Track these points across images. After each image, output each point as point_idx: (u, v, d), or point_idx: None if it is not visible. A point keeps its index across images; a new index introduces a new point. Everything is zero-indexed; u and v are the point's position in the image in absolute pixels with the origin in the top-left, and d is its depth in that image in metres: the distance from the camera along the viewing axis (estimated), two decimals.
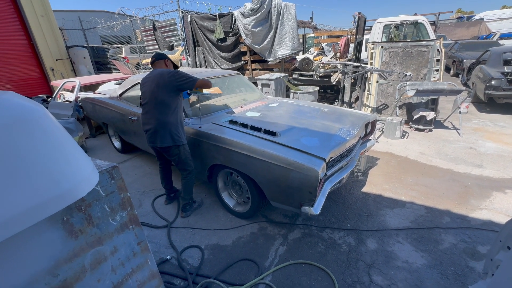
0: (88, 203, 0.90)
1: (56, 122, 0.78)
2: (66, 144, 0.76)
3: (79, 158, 0.80)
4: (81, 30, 10.01)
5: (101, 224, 0.95)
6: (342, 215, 2.39)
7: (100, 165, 0.98)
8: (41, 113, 0.72)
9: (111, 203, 0.97)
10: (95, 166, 0.98)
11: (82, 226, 0.89)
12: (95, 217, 0.93)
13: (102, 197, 0.94)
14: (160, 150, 2.31)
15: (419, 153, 3.57)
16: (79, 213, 0.88)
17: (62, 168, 0.71)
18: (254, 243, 2.10)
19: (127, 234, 1.04)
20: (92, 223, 0.92)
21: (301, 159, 1.79)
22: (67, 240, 0.85)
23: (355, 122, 2.58)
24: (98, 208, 0.93)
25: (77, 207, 0.87)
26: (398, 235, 2.11)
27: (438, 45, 4.49)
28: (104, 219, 0.96)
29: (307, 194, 1.78)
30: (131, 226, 1.05)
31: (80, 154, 0.83)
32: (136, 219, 1.07)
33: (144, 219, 2.50)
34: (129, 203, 1.03)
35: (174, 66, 2.43)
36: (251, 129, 2.30)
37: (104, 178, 0.94)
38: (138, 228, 1.08)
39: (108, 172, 0.95)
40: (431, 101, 4.64)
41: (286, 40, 5.57)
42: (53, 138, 0.71)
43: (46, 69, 8.78)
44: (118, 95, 3.63)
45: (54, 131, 0.73)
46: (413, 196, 2.62)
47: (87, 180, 0.78)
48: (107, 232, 0.97)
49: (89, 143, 4.81)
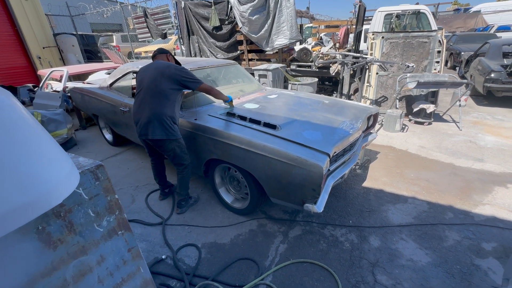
0: (69, 209, 0.78)
1: (24, 112, 0.65)
2: (36, 140, 0.63)
3: (55, 156, 0.68)
4: (69, 17, 9.53)
5: (84, 232, 0.83)
6: (344, 211, 2.32)
7: (83, 164, 0.85)
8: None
9: (96, 207, 0.85)
10: (77, 165, 0.85)
11: (62, 235, 0.77)
12: (77, 223, 0.81)
13: (85, 201, 0.82)
14: (152, 144, 2.15)
15: (419, 146, 3.51)
16: (57, 220, 0.76)
17: (31, 170, 0.58)
18: (253, 241, 2.02)
19: (115, 241, 0.93)
20: (74, 230, 0.80)
21: (304, 154, 1.69)
22: (43, 252, 0.73)
23: (358, 115, 2.48)
24: (80, 214, 0.81)
25: (55, 213, 0.75)
26: (402, 232, 2.05)
27: (439, 36, 4.38)
28: (88, 226, 0.84)
29: (310, 191, 1.68)
30: (120, 231, 0.94)
31: (56, 151, 0.70)
32: (126, 223, 0.96)
33: (137, 216, 2.39)
34: (117, 206, 0.92)
35: (176, 62, 2.33)
36: (250, 121, 2.18)
37: (87, 179, 0.82)
38: (128, 233, 0.97)
39: (92, 172, 0.83)
40: (431, 94, 4.56)
41: (284, 29, 5.38)
42: (18, 133, 0.58)
43: (32, 57, 8.39)
44: (108, 85, 3.44)
45: (18, 124, 0.60)
46: (415, 191, 2.57)
47: (64, 183, 0.66)
48: (92, 240, 0.85)
49: (79, 135, 4.61)
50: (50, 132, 3.72)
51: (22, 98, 5.60)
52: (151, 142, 2.13)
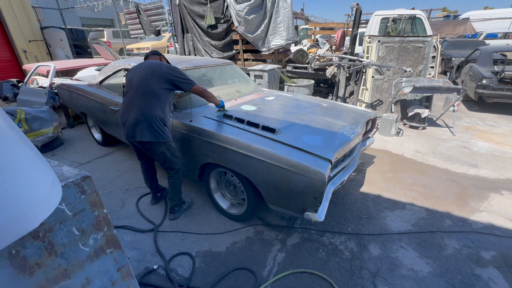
0: (49, 227, 0.68)
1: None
2: (6, 148, 0.53)
3: (32, 167, 0.58)
4: (57, 10, 9.18)
5: (67, 253, 0.73)
6: (342, 217, 2.27)
7: (67, 175, 0.75)
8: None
9: (81, 224, 0.75)
10: (60, 176, 0.75)
11: (40, 258, 0.67)
12: (59, 244, 0.71)
13: (68, 217, 0.72)
14: (140, 147, 2.01)
15: (415, 151, 3.52)
16: (35, 242, 0.66)
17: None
18: (250, 250, 1.94)
19: (103, 260, 0.83)
20: (55, 252, 0.70)
21: (305, 161, 1.62)
22: (17, 279, 0.63)
23: (357, 119, 2.44)
24: (62, 233, 0.71)
25: (32, 234, 0.65)
26: (401, 240, 2.01)
27: (434, 42, 4.42)
28: (72, 246, 0.74)
29: (311, 199, 1.62)
30: (109, 249, 0.84)
31: (34, 161, 0.60)
32: (115, 240, 0.86)
33: (127, 222, 2.27)
34: (105, 222, 0.82)
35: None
36: (247, 124, 2.10)
37: (71, 193, 0.72)
38: (117, 251, 0.87)
39: (77, 184, 0.73)
40: (425, 98, 4.60)
41: (280, 29, 5.32)
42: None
43: (17, 50, 8.02)
44: (98, 83, 3.29)
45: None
46: (413, 197, 2.55)
47: (43, 201, 0.56)
48: (76, 262, 0.75)
49: (66, 134, 4.41)
50: (35, 130, 3.53)
51: (5, 94, 5.32)
52: (139, 145, 2.00)
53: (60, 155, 3.65)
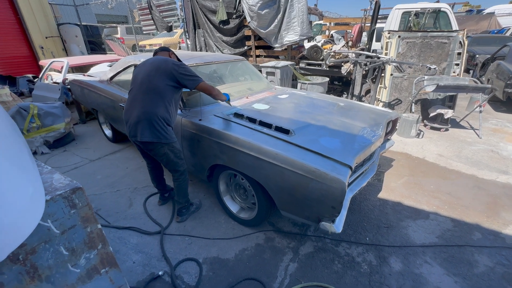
0: (31, 249, 0.58)
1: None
2: None
3: (8, 175, 0.48)
4: (73, 6, 9.32)
5: (54, 276, 0.63)
6: (359, 225, 2.12)
7: (56, 185, 0.65)
8: None
9: (70, 243, 0.66)
10: (48, 186, 0.65)
11: (21, 284, 0.58)
12: (44, 267, 0.61)
13: (55, 236, 0.62)
14: (142, 147, 1.91)
15: (437, 154, 3.28)
16: (14, 267, 0.56)
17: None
18: (260, 258, 1.83)
19: (97, 282, 0.73)
20: (39, 276, 0.60)
21: (323, 166, 1.48)
22: None
23: (378, 120, 2.26)
24: (48, 254, 0.62)
25: (11, 258, 0.55)
26: (425, 254, 1.84)
27: (461, 37, 4.11)
28: (60, 268, 0.64)
29: (328, 208, 1.48)
30: (104, 269, 0.74)
31: (12, 167, 0.50)
32: (111, 258, 0.76)
33: (134, 222, 2.20)
34: (100, 238, 0.72)
35: (178, 60, 2.11)
36: (259, 124, 1.97)
37: (59, 208, 0.62)
38: (114, 269, 0.77)
39: (66, 198, 0.63)
40: (449, 98, 4.31)
41: (294, 24, 5.13)
42: None
43: (35, 47, 8.21)
44: (108, 79, 3.25)
45: None
46: (436, 205, 2.35)
47: (15, 223, 0.46)
48: (65, 285, 0.66)
49: (78, 130, 4.44)
50: (47, 126, 3.55)
51: (21, 89, 5.42)
52: (141, 145, 1.90)
53: (71, 151, 3.66)
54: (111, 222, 2.21)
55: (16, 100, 3.91)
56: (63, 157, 3.48)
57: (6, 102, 3.76)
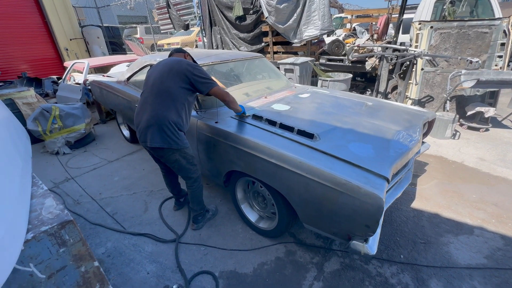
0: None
1: None
2: None
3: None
4: (95, 8, 9.60)
5: None
6: (391, 240, 1.90)
7: (43, 217, 0.54)
8: None
9: (60, 287, 0.53)
10: (34, 219, 0.53)
11: None
12: None
13: (39, 282, 0.50)
14: (153, 152, 1.81)
15: (478, 158, 2.94)
16: None
17: None
18: (281, 274, 1.67)
19: None
20: None
21: (354, 178, 1.29)
22: None
23: (414, 121, 2.01)
24: None
25: None
26: (472, 277, 1.60)
27: (505, 26, 3.66)
28: None
29: (361, 227, 1.29)
30: None
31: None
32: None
33: (149, 229, 2.13)
34: (97, 278, 0.60)
35: (194, 62, 1.99)
36: (280, 127, 1.81)
37: (43, 248, 0.50)
38: None
39: (52, 235, 0.51)
40: (489, 94, 3.88)
41: (315, 18, 4.86)
42: None
43: (60, 49, 8.55)
44: (125, 79, 3.22)
45: None
46: (481, 218, 2.07)
47: None
48: None
49: (99, 130, 4.51)
50: (68, 127, 3.61)
51: (46, 90, 5.63)
52: (151, 150, 1.81)
53: (91, 151, 3.70)
54: (126, 228, 2.15)
55: (40, 101, 4.03)
56: (83, 157, 3.53)
57: (31, 104, 3.87)
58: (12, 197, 0.52)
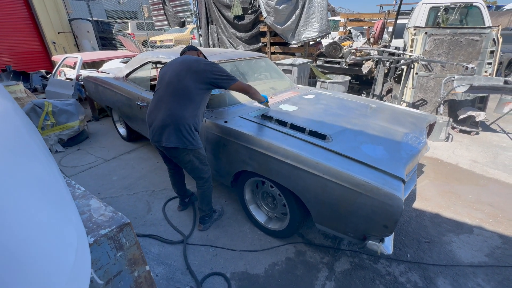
0: None
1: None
2: None
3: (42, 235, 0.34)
4: (85, 1, 9.26)
5: None
6: (397, 240, 1.95)
7: (97, 220, 0.51)
8: None
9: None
10: (87, 221, 0.51)
11: None
12: None
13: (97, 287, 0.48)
14: (166, 153, 1.77)
15: (471, 160, 3.06)
16: None
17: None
18: (293, 275, 1.68)
19: None
20: None
21: (373, 179, 1.31)
22: None
23: (418, 124, 2.07)
24: None
25: None
26: (476, 275, 1.66)
27: (494, 34, 3.84)
28: None
29: (379, 227, 1.31)
30: None
31: (52, 210, 0.36)
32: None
33: (154, 229, 2.08)
34: (148, 283, 0.57)
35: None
36: (291, 128, 1.81)
37: (103, 252, 0.48)
38: None
39: (112, 238, 0.48)
40: (479, 99, 4.06)
41: (313, 20, 4.91)
42: None
43: (47, 42, 8.18)
44: (124, 76, 3.13)
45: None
46: (479, 218, 2.16)
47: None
48: None
49: (91, 127, 4.35)
50: (61, 124, 3.46)
51: (35, 85, 5.38)
52: (164, 150, 1.76)
53: (85, 149, 3.57)
54: None
55: (30, 96, 3.84)
56: (78, 155, 3.39)
57: (20, 99, 3.68)
58: (66, 198, 0.50)
